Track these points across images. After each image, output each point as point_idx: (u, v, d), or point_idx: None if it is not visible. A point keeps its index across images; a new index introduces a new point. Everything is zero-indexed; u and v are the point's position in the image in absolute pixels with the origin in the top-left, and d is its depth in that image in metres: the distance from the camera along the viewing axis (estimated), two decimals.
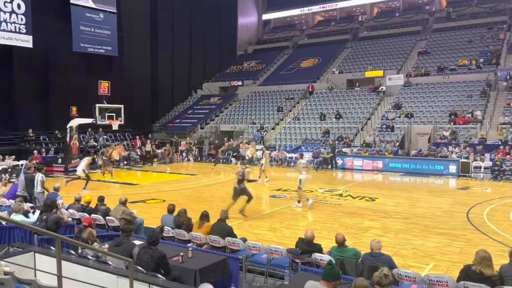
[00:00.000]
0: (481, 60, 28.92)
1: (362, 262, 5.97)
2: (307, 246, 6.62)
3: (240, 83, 37.87)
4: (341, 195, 14.74)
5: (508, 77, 26.07)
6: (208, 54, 40.02)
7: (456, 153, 20.67)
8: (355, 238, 9.03)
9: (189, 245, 7.15)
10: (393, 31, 37.36)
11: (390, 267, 5.76)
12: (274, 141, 27.88)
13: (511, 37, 30.74)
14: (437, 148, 21.71)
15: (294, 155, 24.19)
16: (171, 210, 8.55)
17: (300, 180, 12.61)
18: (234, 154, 26.04)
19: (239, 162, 24.41)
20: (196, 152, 27.69)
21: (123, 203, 9.06)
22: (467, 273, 5.27)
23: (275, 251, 6.76)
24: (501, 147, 20.15)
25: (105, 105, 21.61)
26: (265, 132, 28.80)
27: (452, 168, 19.79)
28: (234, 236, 7.47)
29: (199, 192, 15.61)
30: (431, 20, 37.25)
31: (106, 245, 6.49)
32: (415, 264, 7.55)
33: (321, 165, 22.66)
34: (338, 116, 28.25)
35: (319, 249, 6.60)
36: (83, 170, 15.95)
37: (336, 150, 23.19)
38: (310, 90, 33.15)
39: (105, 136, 27.50)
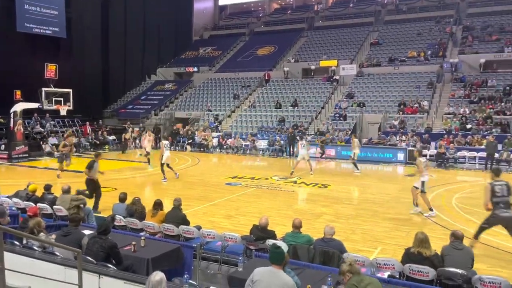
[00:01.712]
0: (429, 52, 30.18)
1: (314, 248, 6.11)
2: (261, 232, 6.69)
3: (195, 69, 37.32)
4: (295, 182, 14.99)
5: (453, 69, 27.43)
6: (162, 39, 39.00)
7: (404, 141, 21.56)
8: (308, 224, 9.20)
9: (141, 234, 7.01)
10: (347, 22, 38.10)
11: (341, 252, 5.97)
12: (230, 129, 27.82)
13: (457, 31, 32.28)
14: (387, 136, 22.56)
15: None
16: (122, 198, 8.34)
17: (423, 182, 10.35)
18: (189, 142, 25.74)
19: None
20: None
21: (67, 191, 8.70)
22: (408, 256, 5.57)
23: (229, 238, 6.78)
24: (446, 136, 21.27)
25: (52, 89, 20.55)
26: (220, 124, 28.58)
27: (400, 156, 20.66)
28: (188, 224, 7.41)
29: (153, 180, 15.32)
30: (383, 12, 38.32)
31: (53, 236, 6.22)
32: (364, 248, 7.85)
33: (278, 153, 22.92)
34: (294, 104, 28.59)
35: (273, 236, 6.69)
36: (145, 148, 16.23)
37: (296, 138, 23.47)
38: (266, 78, 33.26)
39: (52, 122, 26.25)
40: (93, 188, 10.38)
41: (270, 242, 6.37)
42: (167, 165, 14.72)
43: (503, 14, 31.85)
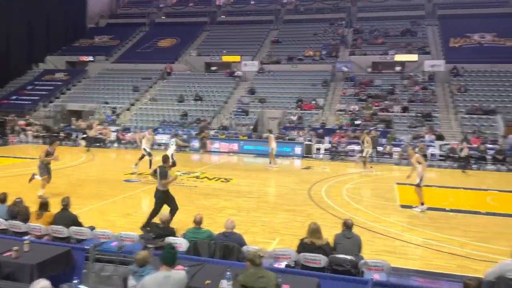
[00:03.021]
0: (324, 52, 32.10)
1: (215, 242, 6.12)
2: (160, 230, 6.52)
3: (91, 58, 35.07)
4: (198, 177, 14.90)
5: (344, 69, 29.54)
6: (52, 24, 35.81)
7: (301, 136, 22.69)
8: (210, 219, 9.19)
9: (26, 237, 6.37)
10: (249, 18, 38.80)
11: (241, 245, 6.06)
12: (129, 122, 26.64)
13: (349, 33, 34.79)
14: (286, 131, 23.54)
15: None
16: (2, 199, 7.48)
17: (422, 177, 10.63)
18: (83, 136, 24.06)
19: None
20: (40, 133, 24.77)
21: None
22: (302, 246, 5.88)
23: (126, 238, 6.48)
24: (338, 131, 22.87)
25: None
26: (118, 117, 27.23)
27: (298, 150, 21.70)
28: (80, 224, 6.92)
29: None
30: (282, 11, 39.76)
31: None
32: (264, 240, 8.07)
33: (180, 147, 22.51)
34: (197, 99, 28.35)
35: (173, 233, 6.56)
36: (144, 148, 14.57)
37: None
38: (168, 70, 32.49)
39: None
40: (170, 200, 8.49)
41: (170, 239, 6.23)
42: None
43: (388, 20, 35.14)
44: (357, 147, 21.57)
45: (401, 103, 25.55)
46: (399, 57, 29.72)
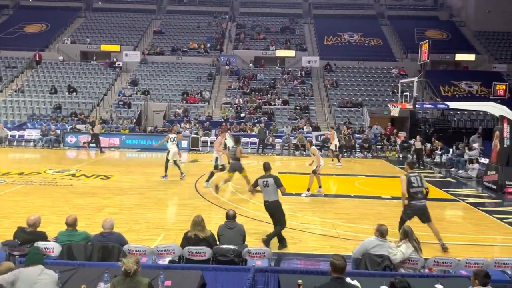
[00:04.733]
0: (208, 45, 32.16)
1: (92, 244, 5.73)
2: (28, 235, 5.87)
3: None
4: (73, 175, 13.79)
5: (228, 62, 30.00)
6: None
7: (188, 129, 22.49)
8: (88, 220, 8.60)
9: None
10: (129, 6, 37.12)
11: (121, 244, 5.77)
12: None
13: (232, 27, 35.35)
14: (171, 124, 23.04)
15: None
16: None
17: (320, 165, 11.51)
18: None
19: None
20: None
21: None
22: (186, 240, 5.86)
23: None
24: (224, 123, 23.15)
25: None
26: None
27: (184, 143, 21.41)
28: None
29: None
30: (165, 1, 38.72)
31: None
32: (148, 237, 7.82)
33: (53, 143, 20.61)
34: (71, 90, 26.17)
35: (43, 237, 5.96)
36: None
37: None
38: (37, 59, 29.41)
39: None
40: (281, 212, 7.73)
41: (40, 244, 5.66)
42: (174, 161, 13.48)
43: (269, 16, 36.57)
44: (242, 139, 22.10)
45: (282, 96, 26.87)
46: (280, 53, 31.18)
